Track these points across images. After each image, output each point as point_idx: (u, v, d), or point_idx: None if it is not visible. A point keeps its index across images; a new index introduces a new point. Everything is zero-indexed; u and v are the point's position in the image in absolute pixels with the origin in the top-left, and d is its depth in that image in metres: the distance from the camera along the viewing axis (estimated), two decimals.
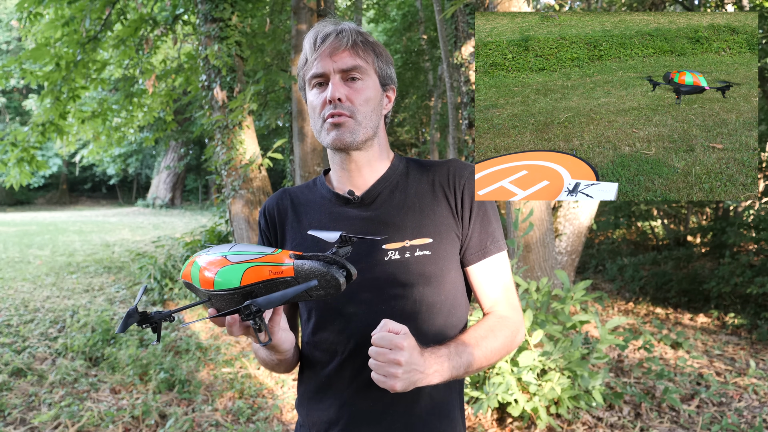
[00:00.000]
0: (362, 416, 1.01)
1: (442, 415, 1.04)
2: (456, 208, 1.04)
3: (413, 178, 1.08)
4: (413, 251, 1.00)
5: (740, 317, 4.86)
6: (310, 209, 1.09)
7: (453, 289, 1.05)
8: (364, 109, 1.00)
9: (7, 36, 22.67)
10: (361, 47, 1.00)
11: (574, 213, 5.22)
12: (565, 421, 2.91)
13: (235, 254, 0.83)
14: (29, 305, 5.52)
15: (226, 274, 0.81)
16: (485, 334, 1.00)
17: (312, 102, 1.03)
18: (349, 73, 0.99)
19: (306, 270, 0.81)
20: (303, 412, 1.10)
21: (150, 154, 26.68)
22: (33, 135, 6.19)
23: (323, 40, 0.99)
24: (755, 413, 3.07)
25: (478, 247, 1.04)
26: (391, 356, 0.83)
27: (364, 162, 1.05)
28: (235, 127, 5.41)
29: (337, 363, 1.02)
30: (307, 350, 1.09)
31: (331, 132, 1.00)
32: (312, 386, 1.08)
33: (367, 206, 1.05)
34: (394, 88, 1.08)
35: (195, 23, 6.40)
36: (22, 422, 2.94)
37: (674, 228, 7.92)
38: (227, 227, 6.28)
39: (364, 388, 0.99)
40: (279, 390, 3.52)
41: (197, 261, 0.86)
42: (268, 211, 1.14)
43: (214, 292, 0.82)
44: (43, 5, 5.93)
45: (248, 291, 0.81)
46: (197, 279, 0.85)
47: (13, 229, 14.26)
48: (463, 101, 6.08)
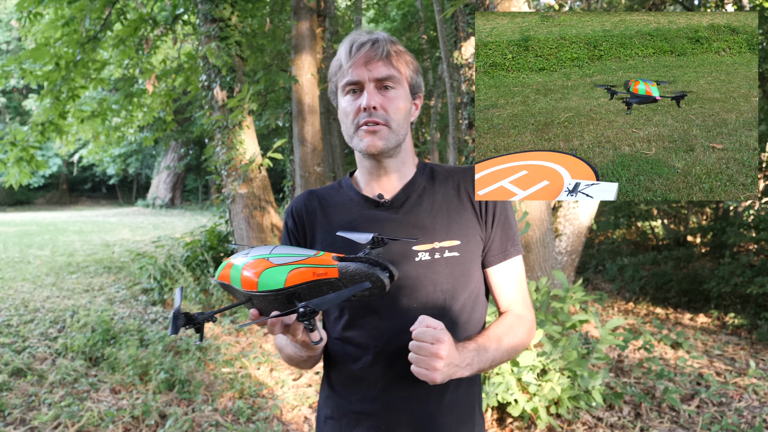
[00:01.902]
0: (394, 407, 1.06)
1: (467, 406, 1.10)
2: (480, 212, 1.10)
3: (439, 182, 1.13)
4: (442, 252, 1.05)
5: (740, 317, 4.86)
6: (340, 211, 1.13)
7: (476, 289, 1.11)
8: (397, 117, 1.05)
9: (7, 36, 22.67)
10: (394, 57, 1.05)
11: (574, 213, 5.22)
12: (565, 421, 2.91)
13: (278, 256, 0.85)
14: (29, 305, 5.52)
15: (270, 275, 0.83)
16: (506, 332, 1.07)
17: (345, 108, 1.07)
18: (383, 82, 1.04)
19: (351, 272, 0.83)
20: (332, 404, 1.14)
21: (150, 154, 26.67)
22: (32, 134, 6.19)
23: (359, 48, 1.03)
24: (755, 413, 3.07)
25: (499, 250, 1.11)
26: (434, 350, 0.88)
27: (392, 167, 1.10)
28: (235, 127, 5.41)
29: (369, 357, 1.07)
30: (337, 346, 1.12)
31: (365, 138, 1.04)
32: (343, 380, 1.12)
33: (396, 209, 1.09)
34: (421, 95, 1.13)
35: (195, 23, 6.40)
36: (22, 422, 2.94)
37: (674, 228, 7.92)
38: (227, 227, 6.28)
39: (395, 381, 1.05)
40: (279, 390, 3.52)
41: (236, 263, 0.88)
42: (296, 212, 1.17)
43: (257, 293, 0.84)
44: (43, 5, 5.93)
45: (292, 292, 0.83)
46: (237, 280, 0.86)
47: (13, 229, 14.26)
48: (463, 101, 6.07)
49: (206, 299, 5.64)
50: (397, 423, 1.06)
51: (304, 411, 3.22)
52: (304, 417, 3.16)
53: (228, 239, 6.43)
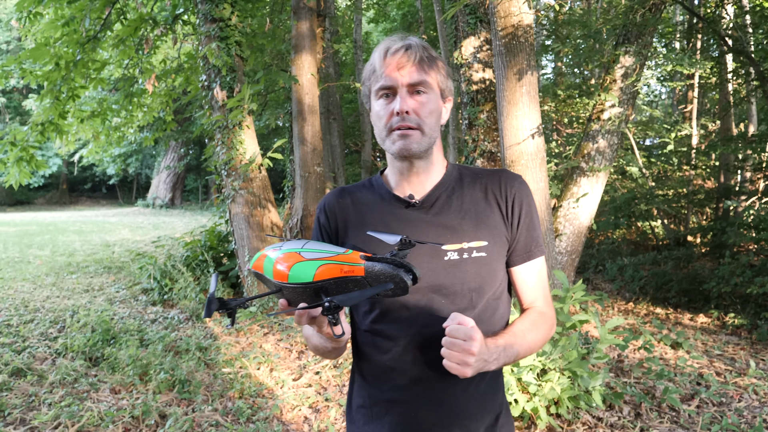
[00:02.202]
0: (423, 396, 1.11)
1: (493, 395, 1.16)
2: (506, 214, 1.15)
3: (467, 184, 1.17)
4: (470, 252, 1.10)
5: (740, 317, 4.86)
6: (372, 209, 1.17)
7: (501, 287, 1.16)
8: (429, 120, 1.09)
9: (7, 36, 22.66)
10: (426, 63, 1.09)
11: (574, 213, 5.22)
12: (565, 421, 2.91)
13: (309, 251, 0.90)
14: (29, 305, 5.52)
15: (300, 269, 0.87)
16: (530, 328, 1.12)
17: (378, 111, 1.11)
18: (415, 87, 1.08)
19: (377, 271, 0.87)
20: (364, 393, 1.19)
21: (150, 154, 26.67)
22: (32, 134, 6.18)
23: (393, 54, 1.08)
24: (755, 413, 3.07)
25: (524, 250, 1.16)
26: (466, 346, 0.93)
27: (423, 169, 1.15)
28: (235, 127, 5.41)
29: (398, 348, 1.11)
30: (367, 338, 1.17)
31: (398, 142, 1.08)
32: (373, 370, 1.17)
33: (426, 210, 1.14)
34: (451, 99, 1.17)
35: (195, 23, 6.40)
36: (22, 422, 2.94)
37: (674, 228, 7.92)
38: (227, 227, 6.28)
39: (424, 371, 1.10)
40: (279, 390, 3.52)
41: (270, 255, 0.93)
42: (329, 208, 1.21)
43: (287, 284, 0.89)
44: (42, 5, 5.92)
45: (319, 286, 0.87)
46: (270, 271, 0.92)
47: (13, 229, 14.26)
48: (463, 101, 6.07)
49: (206, 299, 5.64)
50: (426, 410, 1.11)
51: (304, 411, 3.22)
52: (304, 417, 3.16)
53: (228, 239, 6.43)
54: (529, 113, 4.31)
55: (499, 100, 4.44)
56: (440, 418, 1.10)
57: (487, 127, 5.82)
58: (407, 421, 1.12)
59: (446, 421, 1.11)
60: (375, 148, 15.20)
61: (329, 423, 3.03)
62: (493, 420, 1.15)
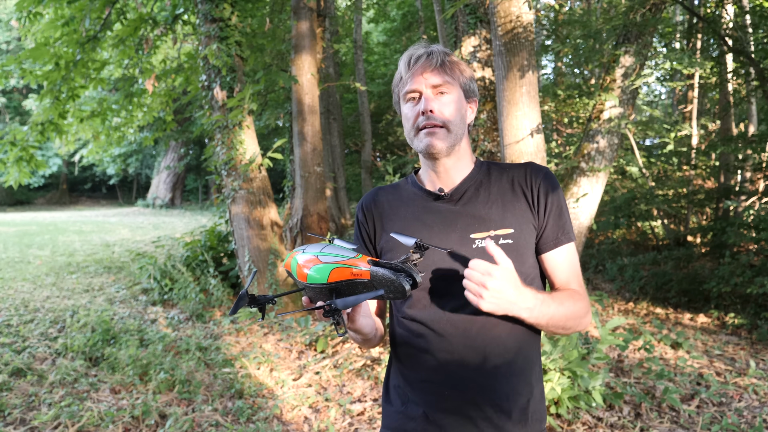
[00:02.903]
0: (456, 375, 1.16)
1: (524, 380, 1.19)
2: (533, 203, 1.19)
3: (495, 177, 1.23)
4: (497, 240, 1.15)
5: (740, 317, 4.86)
6: (405, 203, 1.27)
7: (531, 273, 1.20)
8: (453, 119, 1.17)
9: (7, 36, 22.66)
10: (448, 66, 1.18)
11: (574, 213, 5.21)
12: (565, 421, 2.91)
13: (325, 255, 0.98)
14: (29, 305, 5.52)
15: (316, 271, 0.96)
16: (567, 298, 1.15)
17: (406, 114, 1.20)
18: (439, 88, 1.16)
19: (379, 275, 0.94)
20: (400, 375, 1.26)
21: (150, 154, 26.68)
22: (32, 134, 6.18)
23: (416, 60, 1.17)
24: (755, 413, 3.07)
25: (551, 238, 1.20)
26: (481, 279, 0.98)
27: (451, 165, 1.22)
28: (235, 127, 5.41)
29: (431, 333, 1.18)
30: (404, 324, 1.24)
31: (425, 139, 1.16)
32: (409, 353, 1.23)
33: (455, 201, 1.22)
34: (476, 100, 1.25)
35: (195, 23, 6.40)
36: (22, 422, 2.94)
37: (674, 228, 7.92)
38: (227, 227, 6.27)
39: (456, 352, 1.16)
40: (279, 390, 3.52)
41: (296, 257, 1.02)
42: (366, 206, 1.32)
43: (308, 284, 0.98)
44: (42, 5, 5.92)
45: (334, 287, 0.96)
46: (295, 272, 1.01)
47: (13, 229, 14.25)
48: None
49: (206, 299, 5.64)
50: (459, 390, 1.16)
51: (304, 411, 3.22)
52: (304, 417, 3.16)
53: (228, 239, 6.43)
54: (529, 113, 4.31)
55: (499, 100, 4.44)
56: (472, 396, 1.15)
57: (487, 127, 5.82)
58: (441, 400, 1.17)
59: (478, 400, 1.15)
60: (375, 148, 15.19)
61: (329, 423, 3.03)
62: (525, 403, 1.18)
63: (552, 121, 9.24)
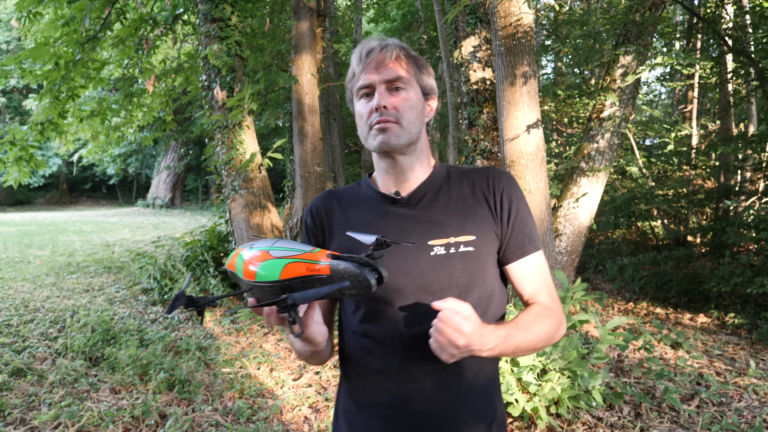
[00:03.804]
0: (410, 400, 1.07)
1: (486, 398, 1.12)
2: (495, 209, 1.12)
3: (455, 181, 1.15)
4: (457, 247, 1.07)
5: (740, 317, 4.86)
6: (357, 207, 1.17)
7: (492, 283, 1.12)
8: (408, 115, 1.08)
9: (7, 36, 22.66)
10: (404, 60, 1.10)
11: (574, 213, 5.21)
12: (565, 421, 2.91)
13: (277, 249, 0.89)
14: (29, 305, 5.52)
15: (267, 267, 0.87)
16: (534, 320, 1.06)
17: (360, 111, 1.11)
18: (394, 83, 1.08)
19: (341, 270, 0.86)
20: (350, 397, 1.16)
21: (150, 154, 26.67)
22: (31, 134, 6.18)
23: (368, 53, 1.09)
24: (755, 413, 3.07)
25: (516, 247, 1.12)
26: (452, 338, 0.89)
27: (407, 166, 1.13)
28: (235, 126, 5.41)
29: (384, 350, 1.08)
30: (354, 339, 1.14)
31: (378, 137, 1.08)
32: (359, 373, 1.13)
33: (413, 206, 1.12)
34: (435, 97, 1.17)
35: (195, 23, 6.40)
36: (22, 422, 2.94)
37: (674, 228, 7.92)
38: (227, 227, 6.27)
39: (411, 374, 1.06)
40: (279, 390, 3.51)
41: (242, 253, 0.92)
42: (315, 210, 1.20)
43: (256, 283, 0.88)
44: (42, 5, 5.92)
45: (287, 285, 0.87)
46: (241, 270, 0.91)
47: (13, 229, 14.25)
48: (463, 101, 6.07)
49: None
50: (414, 416, 1.07)
51: (304, 411, 3.22)
52: (304, 417, 3.15)
53: (228, 239, 6.42)
54: (529, 113, 4.31)
55: (499, 100, 4.44)
56: (429, 424, 1.06)
57: (487, 127, 5.82)
58: (394, 428, 1.08)
59: (436, 427, 1.06)
60: None
61: (329, 423, 3.03)
62: (486, 428, 1.11)
63: (552, 121, 9.24)
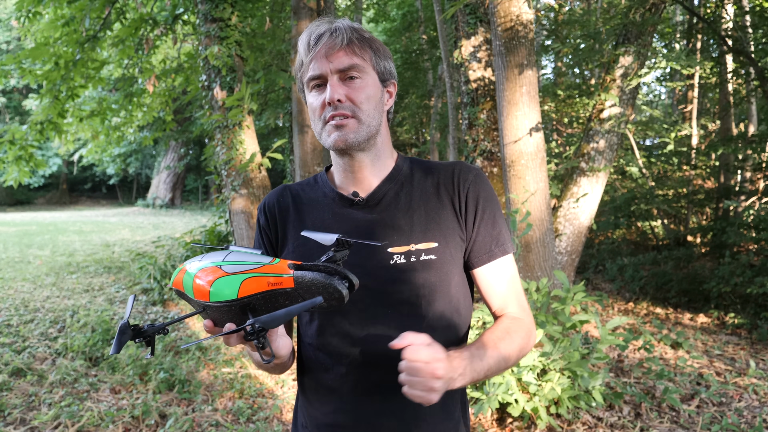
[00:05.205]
0: (368, 420, 1.00)
1: (445, 416, 1.03)
2: (459, 211, 1.02)
3: (418, 179, 1.05)
4: (419, 255, 0.98)
5: (740, 317, 4.86)
6: (313, 208, 1.07)
7: (457, 293, 1.03)
8: (366, 107, 0.97)
9: (7, 36, 22.66)
10: (357, 45, 0.97)
11: (574, 213, 5.21)
12: (565, 421, 2.91)
13: (231, 264, 0.78)
14: (29, 305, 5.52)
15: (221, 285, 0.76)
16: (502, 337, 0.98)
17: (312, 104, 1.00)
18: (347, 72, 0.96)
19: (307, 281, 0.76)
20: (306, 413, 1.09)
21: (150, 154, 26.67)
22: (31, 133, 6.18)
23: (317, 40, 0.96)
24: (755, 413, 3.07)
25: (483, 251, 1.02)
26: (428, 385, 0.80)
27: (367, 162, 1.03)
28: (234, 126, 5.41)
29: (341, 368, 1.01)
30: (310, 352, 1.06)
31: (333, 134, 0.97)
32: (315, 388, 1.06)
33: (371, 208, 1.03)
34: (394, 83, 1.05)
35: (195, 23, 6.40)
36: (22, 422, 2.94)
37: (674, 228, 7.91)
38: (227, 227, 6.28)
39: (368, 393, 0.99)
40: (279, 390, 3.51)
41: (189, 269, 0.81)
42: (269, 209, 1.10)
43: (210, 303, 0.78)
44: (42, 5, 5.92)
45: (245, 303, 0.77)
46: (190, 289, 0.80)
47: (13, 229, 14.25)
48: (463, 101, 6.07)
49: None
50: None
51: None
52: None
53: (228, 239, 6.43)
54: (529, 113, 4.31)
55: (499, 100, 4.44)
56: None
57: (487, 127, 5.82)
58: None
59: None
60: None
61: None
62: None
63: (552, 121, 9.24)
